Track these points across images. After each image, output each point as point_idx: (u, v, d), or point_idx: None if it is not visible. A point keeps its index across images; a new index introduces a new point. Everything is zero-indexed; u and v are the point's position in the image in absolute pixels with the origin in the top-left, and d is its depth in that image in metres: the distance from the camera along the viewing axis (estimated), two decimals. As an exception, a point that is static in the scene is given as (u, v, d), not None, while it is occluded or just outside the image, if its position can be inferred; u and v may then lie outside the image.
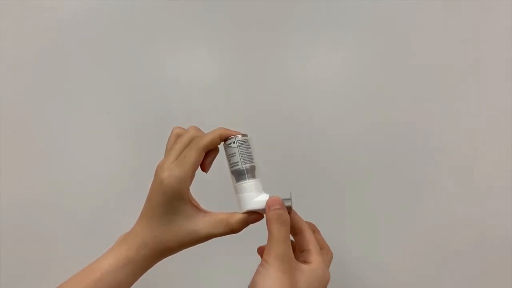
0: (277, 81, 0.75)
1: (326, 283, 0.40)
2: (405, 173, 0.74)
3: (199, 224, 0.41)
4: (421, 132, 0.74)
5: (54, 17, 0.74)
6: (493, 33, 0.74)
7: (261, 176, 0.44)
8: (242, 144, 0.42)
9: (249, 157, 0.42)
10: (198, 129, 0.43)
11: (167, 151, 0.43)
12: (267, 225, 0.39)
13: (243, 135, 0.42)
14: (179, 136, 0.43)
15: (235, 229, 0.41)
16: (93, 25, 0.74)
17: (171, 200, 0.40)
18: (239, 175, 0.42)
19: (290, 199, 0.41)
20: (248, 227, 0.42)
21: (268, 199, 0.40)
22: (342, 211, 0.75)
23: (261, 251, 0.43)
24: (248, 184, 0.41)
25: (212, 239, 0.42)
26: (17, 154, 0.74)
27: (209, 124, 0.46)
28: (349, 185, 0.75)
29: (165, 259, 0.43)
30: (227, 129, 0.43)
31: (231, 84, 0.76)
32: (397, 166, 0.74)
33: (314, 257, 0.40)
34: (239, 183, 0.42)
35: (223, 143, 0.43)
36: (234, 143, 0.42)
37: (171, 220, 0.40)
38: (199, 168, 0.43)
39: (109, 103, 0.75)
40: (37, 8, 0.74)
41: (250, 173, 0.42)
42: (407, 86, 0.75)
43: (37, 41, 0.74)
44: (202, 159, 0.41)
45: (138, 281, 0.43)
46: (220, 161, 0.45)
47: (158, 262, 0.43)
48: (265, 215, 0.41)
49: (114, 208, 0.73)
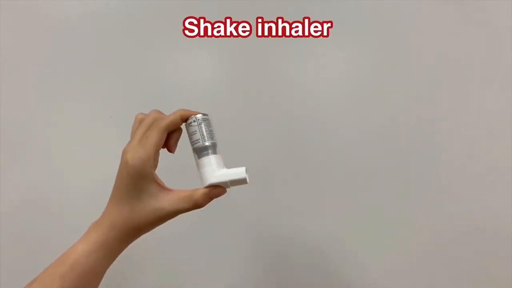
0: (278, 81, 0.76)
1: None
2: (405, 173, 0.75)
3: (164, 201, 0.42)
4: (420, 132, 0.75)
5: (57, 21, 0.76)
6: (493, 33, 0.74)
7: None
8: (202, 122, 0.43)
9: (210, 135, 0.43)
10: (159, 112, 0.45)
11: (132, 135, 0.44)
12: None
13: (204, 114, 0.44)
14: (142, 120, 0.45)
15: (199, 204, 0.42)
16: (96, 28, 0.77)
17: (136, 180, 0.41)
18: (200, 152, 0.43)
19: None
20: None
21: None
22: (342, 210, 0.76)
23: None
24: (208, 159, 0.43)
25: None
26: (18, 156, 0.75)
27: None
28: (349, 185, 0.75)
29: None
30: (187, 110, 0.44)
31: (232, 85, 0.77)
32: (397, 166, 0.75)
33: None
34: (200, 159, 0.43)
35: (185, 123, 0.44)
36: (194, 121, 0.43)
37: (137, 199, 0.42)
38: (167, 150, 0.45)
39: (112, 107, 0.76)
40: (41, 10, 0.76)
41: (211, 149, 0.43)
42: (407, 86, 0.75)
43: (39, 44, 0.76)
44: (164, 140, 0.43)
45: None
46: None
47: (130, 243, 0.44)
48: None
49: None
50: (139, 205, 0.42)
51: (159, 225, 0.43)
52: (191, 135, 0.44)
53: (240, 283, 0.76)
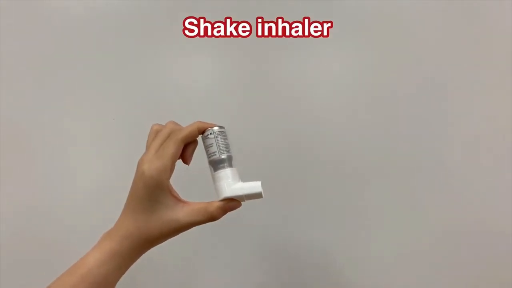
0: (279, 82, 0.76)
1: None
2: (405, 173, 0.76)
3: (179, 213, 0.42)
4: (421, 132, 0.75)
5: (58, 22, 0.75)
6: (494, 33, 0.75)
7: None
8: (219, 135, 0.44)
9: (226, 147, 0.44)
10: (176, 123, 0.45)
11: (148, 146, 0.44)
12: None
13: (220, 127, 0.44)
14: (158, 132, 0.45)
15: (214, 216, 0.42)
16: (98, 30, 0.76)
17: (152, 191, 0.41)
18: (216, 165, 0.43)
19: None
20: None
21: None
22: (341, 210, 0.76)
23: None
24: (225, 172, 0.43)
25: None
26: (20, 158, 0.74)
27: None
28: (349, 184, 0.76)
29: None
30: (204, 122, 0.44)
31: (232, 85, 0.77)
32: (397, 166, 0.76)
33: None
34: (216, 172, 0.43)
35: (201, 135, 0.44)
36: (211, 134, 0.44)
37: (152, 210, 0.42)
38: (181, 161, 0.45)
39: (115, 109, 0.76)
40: (43, 12, 0.75)
41: (227, 162, 0.43)
42: (407, 86, 0.76)
43: (39, 45, 0.75)
44: (181, 151, 0.43)
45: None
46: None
47: (142, 254, 0.44)
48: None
49: (120, 212, 0.74)
50: (154, 216, 0.42)
51: (173, 236, 0.43)
52: (207, 147, 0.44)
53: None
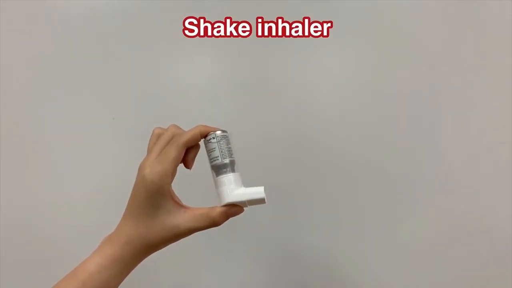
0: (279, 83, 0.76)
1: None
2: (405, 173, 0.76)
3: (181, 219, 0.42)
4: (421, 133, 0.76)
5: (58, 22, 0.75)
6: (494, 33, 0.75)
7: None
8: (221, 139, 0.43)
9: (229, 152, 0.43)
10: (177, 127, 0.44)
11: (149, 150, 0.44)
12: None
13: (223, 131, 0.44)
14: (159, 135, 0.44)
15: (216, 222, 0.42)
16: (99, 31, 0.75)
17: (153, 195, 0.41)
18: (219, 169, 0.43)
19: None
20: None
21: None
22: (342, 211, 0.77)
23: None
24: (227, 177, 0.42)
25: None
26: (21, 159, 0.74)
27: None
28: (349, 185, 0.76)
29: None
30: (207, 126, 0.44)
31: (233, 87, 0.77)
32: (397, 166, 0.76)
33: None
34: (219, 177, 0.43)
35: (204, 139, 0.44)
36: (213, 138, 0.43)
37: (153, 215, 0.41)
38: (183, 165, 0.44)
39: (114, 109, 0.75)
40: (43, 12, 0.75)
41: (229, 167, 0.43)
42: (408, 86, 0.76)
43: (41, 47, 0.75)
44: (182, 156, 0.42)
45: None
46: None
47: (144, 258, 0.43)
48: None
49: (120, 214, 0.74)
50: (155, 221, 0.41)
51: (174, 241, 0.43)
52: (209, 152, 0.43)
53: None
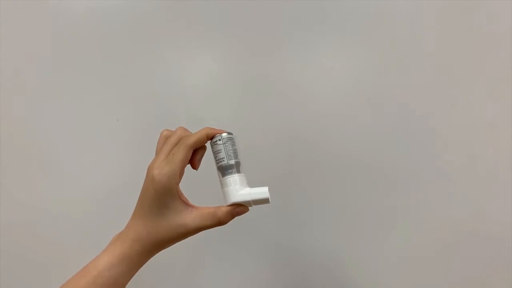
0: (280, 83, 0.77)
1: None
2: (406, 173, 0.76)
3: (188, 218, 0.43)
4: (421, 133, 0.76)
5: (60, 23, 0.76)
6: (493, 33, 0.76)
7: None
8: (227, 141, 0.45)
9: (234, 153, 0.45)
10: (185, 129, 0.46)
11: (157, 152, 0.45)
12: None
13: (229, 133, 0.45)
14: (167, 138, 0.46)
15: (222, 221, 0.44)
16: (101, 32, 0.76)
17: (162, 196, 0.42)
18: (224, 170, 0.44)
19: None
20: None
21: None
22: (343, 211, 0.77)
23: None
24: (233, 178, 0.44)
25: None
26: (23, 159, 0.75)
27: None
28: (349, 185, 0.77)
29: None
30: (213, 128, 0.45)
31: (232, 85, 0.77)
32: (396, 167, 0.76)
33: None
34: (224, 178, 0.44)
35: (210, 141, 0.45)
36: (220, 140, 0.45)
37: (162, 215, 0.43)
38: (190, 166, 0.46)
39: (118, 110, 0.76)
40: (45, 12, 0.75)
41: (235, 168, 0.44)
42: (408, 86, 0.76)
43: (44, 47, 0.75)
44: (190, 157, 0.44)
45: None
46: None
47: (151, 256, 0.45)
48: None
49: (124, 213, 0.74)
50: (163, 220, 0.43)
51: (182, 240, 0.44)
52: (216, 153, 0.45)
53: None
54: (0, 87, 0.75)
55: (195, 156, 0.45)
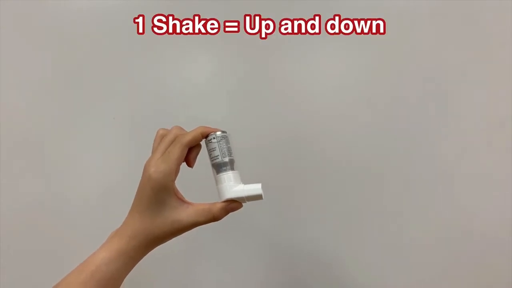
0: (280, 83, 0.77)
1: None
2: (406, 173, 0.77)
3: (184, 214, 0.44)
4: (420, 133, 0.77)
5: (59, 23, 0.76)
6: (493, 34, 0.76)
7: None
8: (221, 139, 0.46)
9: (228, 151, 0.46)
10: (181, 128, 0.47)
11: (154, 150, 0.47)
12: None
13: (223, 132, 0.47)
14: (163, 136, 0.47)
15: (216, 217, 0.45)
16: (99, 31, 0.77)
17: (158, 193, 0.44)
18: (219, 168, 0.46)
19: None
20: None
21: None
22: (343, 210, 0.78)
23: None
24: (227, 175, 0.45)
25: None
26: (23, 158, 0.75)
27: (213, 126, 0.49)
28: (350, 185, 0.77)
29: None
30: (207, 127, 0.47)
31: (232, 85, 0.78)
32: (395, 166, 0.77)
33: None
34: (219, 175, 0.45)
35: (205, 139, 0.47)
36: (214, 138, 0.46)
37: (158, 211, 0.44)
38: (185, 164, 0.47)
39: (115, 108, 0.77)
40: (44, 12, 0.76)
41: (229, 165, 0.46)
42: (408, 86, 0.77)
43: (42, 46, 0.76)
44: (185, 155, 0.45)
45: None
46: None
47: (148, 252, 0.46)
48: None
49: (120, 210, 0.75)
50: (160, 217, 0.44)
51: (178, 235, 0.45)
52: (210, 151, 0.46)
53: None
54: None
55: (190, 154, 0.46)
